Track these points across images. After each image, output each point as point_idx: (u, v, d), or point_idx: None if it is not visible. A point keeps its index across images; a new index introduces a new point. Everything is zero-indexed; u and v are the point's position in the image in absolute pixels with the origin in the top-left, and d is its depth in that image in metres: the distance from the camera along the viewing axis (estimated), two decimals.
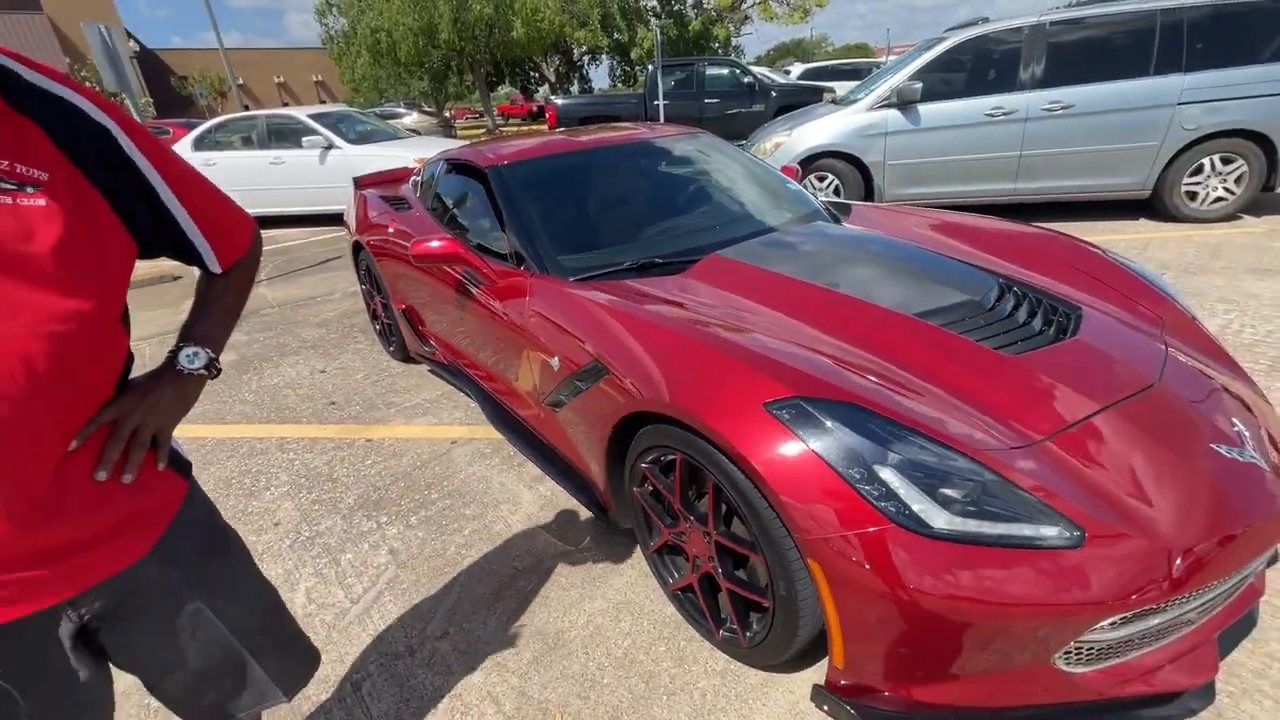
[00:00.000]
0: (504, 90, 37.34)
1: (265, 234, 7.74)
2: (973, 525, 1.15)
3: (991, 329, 1.63)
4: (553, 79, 30.28)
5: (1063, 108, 4.84)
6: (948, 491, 1.18)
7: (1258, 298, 3.48)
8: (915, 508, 1.15)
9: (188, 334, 0.91)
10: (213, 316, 0.94)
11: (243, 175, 7.68)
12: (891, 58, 17.21)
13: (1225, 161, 4.76)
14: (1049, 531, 1.14)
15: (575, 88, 34.82)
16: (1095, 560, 1.13)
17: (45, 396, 0.67)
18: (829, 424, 1.24)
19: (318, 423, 2.98)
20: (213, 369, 0.91)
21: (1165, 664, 1.25)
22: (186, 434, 2.93)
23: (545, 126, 11.85)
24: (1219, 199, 4.87)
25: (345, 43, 22.13)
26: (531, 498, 2.30)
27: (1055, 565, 1.12)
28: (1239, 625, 1.36)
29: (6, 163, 0.64)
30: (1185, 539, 1.15)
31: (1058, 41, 4.86)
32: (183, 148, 7.82)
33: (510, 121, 33.32)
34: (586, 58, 32.72)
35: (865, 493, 1.17)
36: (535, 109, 33.07)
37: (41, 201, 0.65)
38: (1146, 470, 1.25)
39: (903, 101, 5.14)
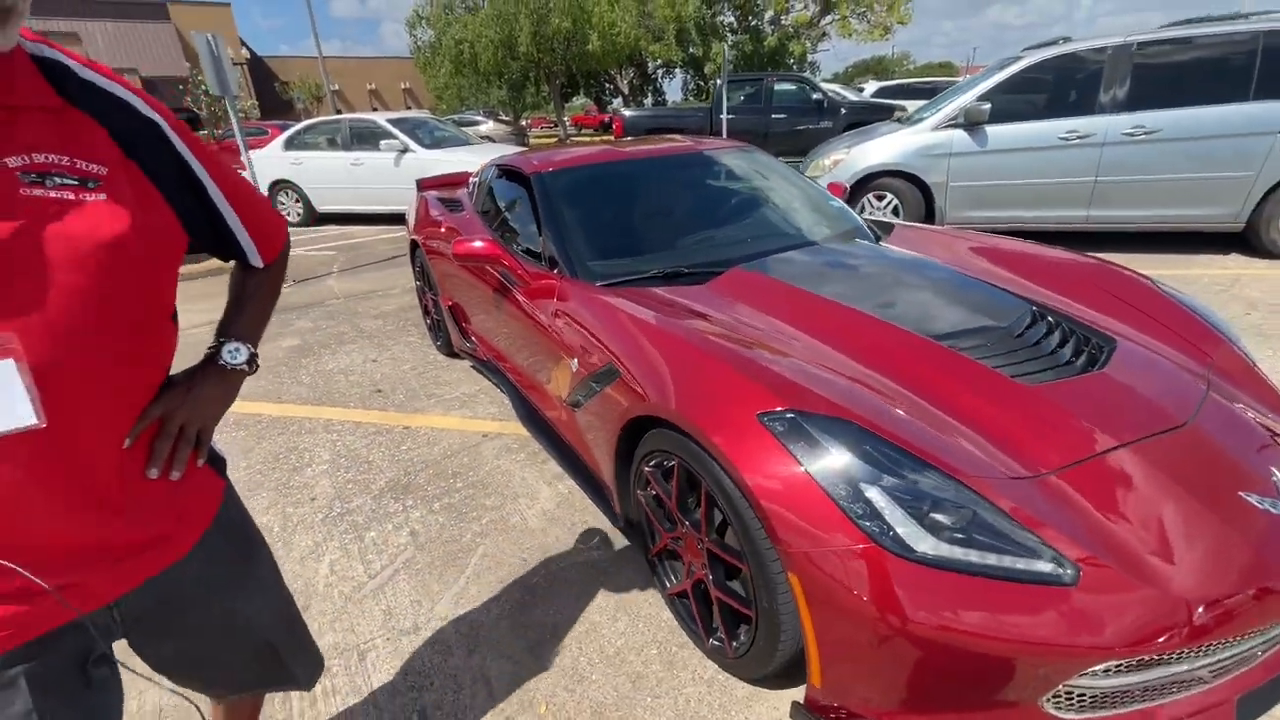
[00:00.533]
0: (578, 101, 38.28)
1: (340, 230, 8.25)
2: (959, 553, 1.12)
3: (1014, 356, 1.57)
4: (626, 91, 30.80)
5: (1146, 133, 4.56)
6: (937, 517, 1.15)
7: None
8: (899, 530, 1.14)
9: (227, 330, 0.91)
10: (251, 313, 0.95)
11: (325, 174, 8.22)
12: (969, 77, 16.68)
13: None
14: (1041, 566, 1.10)
15: (648, 100, 35.28)
16: (1090, 600, 1.08)
17: (113, 395, 0.69)
18: (820, 439, 1.24)
19: (363, 408, 3.16)
20: (253, 364, 0.91)
21: None
22: (246, 410, 3.17)
23: (613, 137, 12.07)
24: None
25: (431, 53, 23.25)
26: (550, 494, 2.37)
27: (1045, 601, 1.08)
28: (1267, 691, 1.26)
29: (66, 158, 0.64)
30: (1194, 589, 1.08)
31: (1144, 63, 4.59)
32: (274, 147, 8.43)
33: (583, 131, 34.11)
34: (660, 71, 33.13)
35: (849, 510, 1.16)
36: (607, 119, 33.75)
37: (103, 196, 0.66)
38: (1161, 513, 1.19)
39: (970, 122, 4.98)
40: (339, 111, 23.67)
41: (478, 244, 2.37)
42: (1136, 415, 1.39)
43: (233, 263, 0.94)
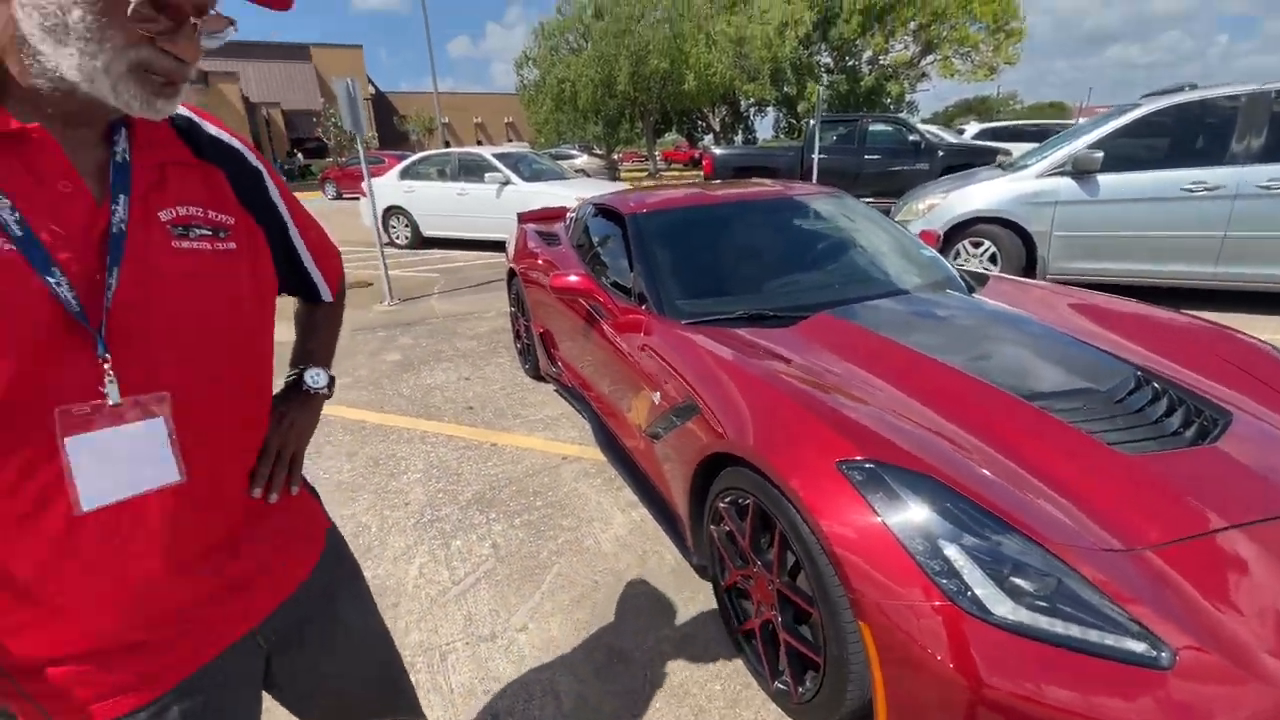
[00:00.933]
0: (669, 136, 39.25)
1: (442, 254, 8.85)
2: (1042, 621, 1.10)
3: (1115, 423, 1.52)
4: (718, 128, 31.32)
5: None
6: (1018, 582, 1.14)
7: None
8: (978, 591, 1.13)
9: (305, 358, 0.95)
10: (324, 340, 0.98)
11: (434, 202, 8.88)
12: (1083, 120, 15.78)
13: None
14: (1132, 645, 1.06)
15: (739, 137, 35.71)
16: (1188, 689, 1.02)
17: (237, 435, 0.74)
18: (900, 492, 1.25)
19: (455, 423, 3.38)
20: (331, 387, 0.94)
21: None
22: (352, 417, 3.47)
23: (702, 173, 12.32)
24: None
25: (535, 91, 24.70)
26: (623, 520, 2.44)
27: (1136, 684, 1.04)
28: None
29: (202, 210, 0.69)
30: None
31: None
32: (390, 176, 9.22)
33: (672, 166, 34.92)
34: (753, 109, 33.50)
35: (925, 566, 1.17)
36: (697, 155, 34.41)
37: (232, 245, 0.71)
38: (1268, 602, 1.11)
39: (1080, 170, 4.76)
40: (448, 143, 25.51)
41: (573, 278, 2.53)
42: (1253, 495, 1.30)
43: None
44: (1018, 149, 11.59)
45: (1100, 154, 4.69)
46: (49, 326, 0.56)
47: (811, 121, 10.70)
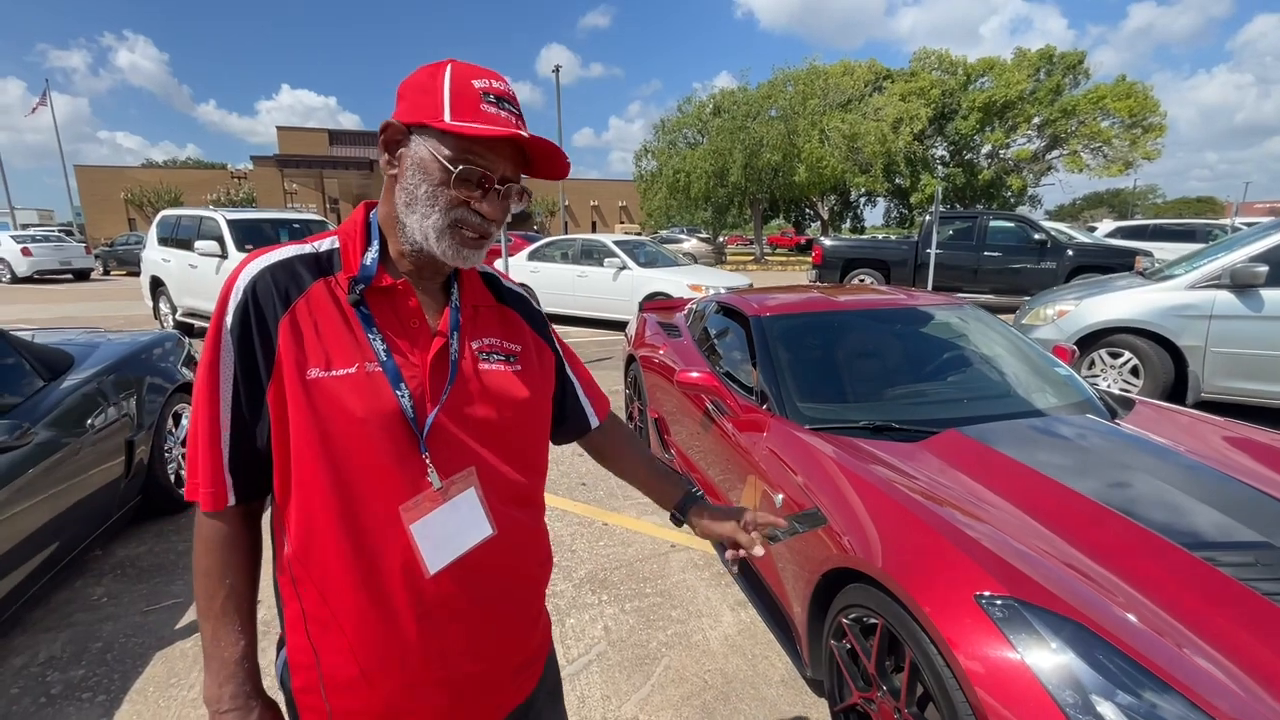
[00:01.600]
0: (776, 222, 40.05)
1: (562, 329, 9.42)
2: None
3: None
4: (826, 216, 31.64)
5: None
6: None
7: None
8: None
9: (683, 499, 1.08)
10: (646, 458, 1.12)
11: (555, 283, 9.60)
12: (1239, 220, 14.45)
13: None
14: None
15: (847, 225, 35.77)
16: None
17: (523, 509, 0.88)
18: (1045, 635, 1.23)
19: (570, 499, 3.55)
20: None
21: None
22: None
23: (810, 260, 12.44)
24: None
25: (651, 179, 26.34)
26: (732, 619, 2.45)
27: None
28: None
29: (499, 341, 0.88)
30: None
31: None
32: (520, 258, 10.10)
33: (777, 251, 35.43)
34: (863, 198, 33.64)
35: (1073, 718, 1.13)
36: (805, 241, 34.79)
37: (518, 367, 0.88)
38: None
39: (1238, 284, 4.41)
40: (567, 223, 27.48)
41: (696, 374, 2.68)
42: None
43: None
44: (1160, 249, 10.85)
45: (1265, 268, 4.34)
46: (394, 428, 0.75)
47: (928, 218, 10.60)
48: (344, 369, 0.74)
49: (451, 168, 0.74)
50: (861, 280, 11.22)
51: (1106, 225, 16.79)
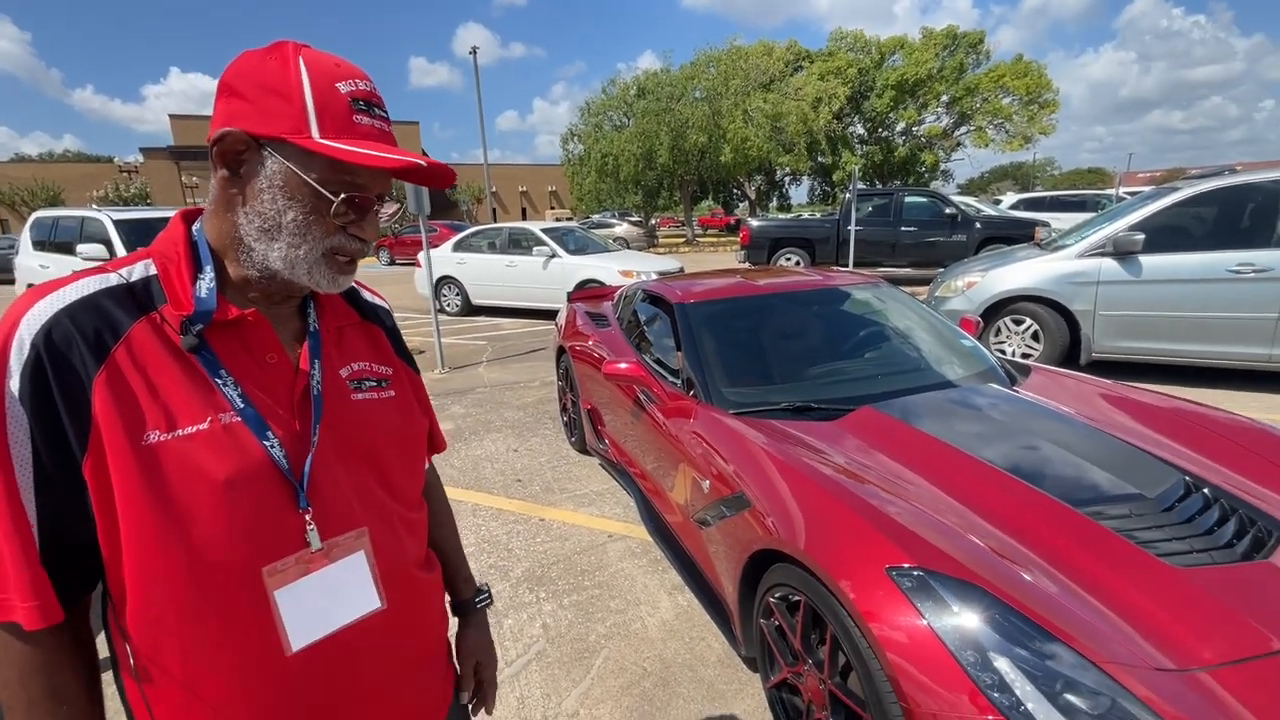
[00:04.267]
0: (705, 203, 40.48)
1: (490, 321, 9.22)
2: None
3: (1164, 532, 1.54)
4: (753, 196, 32.20)
5: None
6: (1071, 699, 1.16)
7: None
8: (1030, 706, 1.16)
9: (464, 586, 1.00)
10: (454, 543, 1.00)
11: (484, 273, 9.36)
12: (1123, 190, 15.75)
13: None
14: None
15: (774, 204, 36.56)
16: None
17: (412, 567, 0.80)
18: (949, 601, 1.30)
19: (505, 496, 3.50)
20: (490, 596, 1.04)
21: None
22: None
23: (739, 242, 12.64)
24: None
25: (579, 163, 26.02)
26: (670, 605, 2.49)
27: None
28: None
29: (369, 364, 0.79)
30: None
31: None
32: (445, 248, 9.78)
33: (708, 232, 35.83)
34: (788, 178, 34.42)
35: (977, 679, 1.20)
36: (733, 222, 35.34)
37: (392, 393, 0.80)
38: None
39: (1120, 251, 4.79)
40: (495, 210, 26.82)
41: (624, 365, 2.68)
42: None
43: None
44: (1056, 219, 11.64)
45: (1141, 235, 4.73)
46: (265, 485, 0.65)
47: (847, 195, 10.97)
48: (193, 426, 0.62)
49: (331, 195, 0.65)
50: (788, 259, 11.51)
51: (1010, 198, 17.90)
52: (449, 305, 9.80)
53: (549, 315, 8.85)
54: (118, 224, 7.09)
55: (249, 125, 0.63)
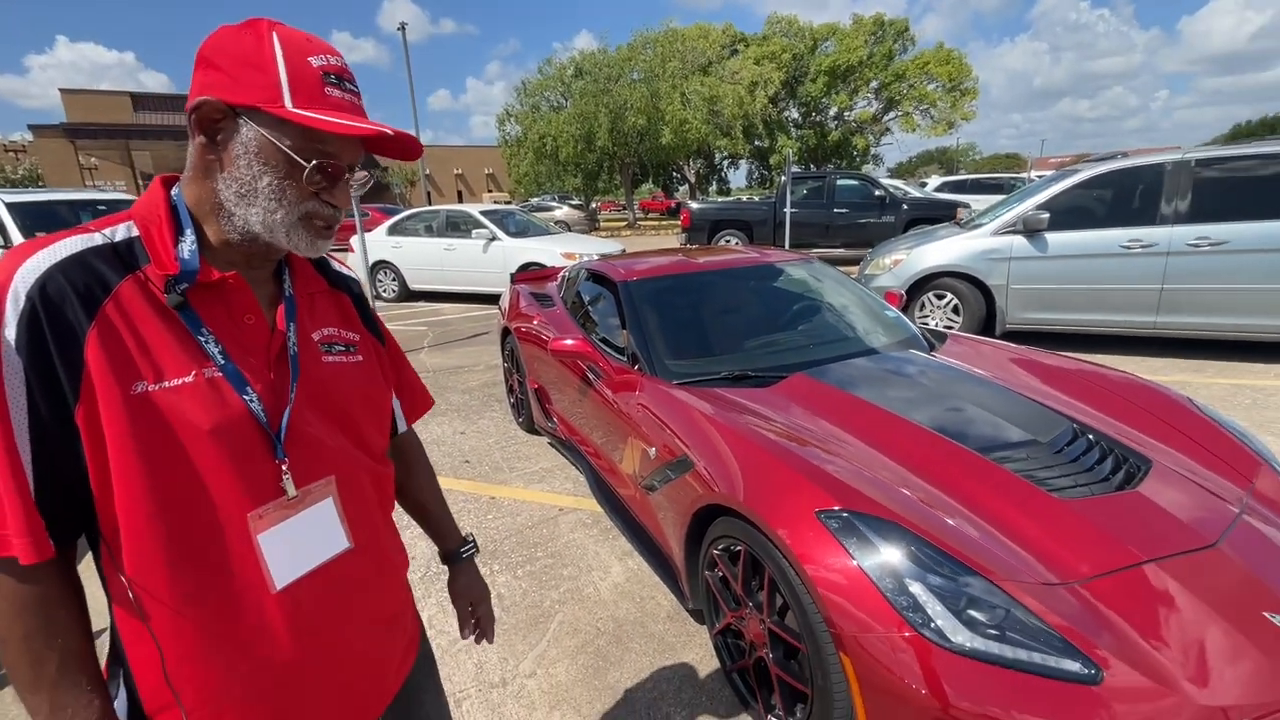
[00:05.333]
0: (646, 186, 40.53)
1: (430, 306, 9.04)
2: (994, 647, 1.29)
3: (1052, 470, 1.75)
4: (693, 179, 32.47)
5: (1211, 244, 4.63)
6: (974, 614, 1.33)
7: None
8: (939, 622, 1.32)
9: (440, 531, 1.10)
10: (436, 498, 1.11)
11: (421, 257, 9.14)
12: (1035, 173, 16.82)
13: None
14: (1069, 665, 1.26)
15: (714, 187, 36.98)
16: (1110, 700, 1.22)
17: (379, 514, 0.87)
18: (871, 537, 1.46)
19: (454, 477, 3.51)
20: (476, 546, 1.16)
21: None
22: None
23: (680, 225, 12.78)
24: None
25: (517, 145, 25.50)
26: (620, 570, 2.59)
27: (1072, 699, 1.23)
28: None
29: (338, 330, 0.84)
30: (1210, 696, 1.21)
31: (1204, 178, 4.73)
32: (379, 232, 9.47)
33: (650, 215, 35.93)
34: (726, 161, 34.86)
35: (895, 602, 1.36)
36: (674, 205, 35.56)
37: (359, 357, 0.86)
38: (1184, 626, 1.32)
39: (1029, 229, 5.18)
40: (429, 194, 26.03)
41: (569, 342, 2.74)
42: (1166, 533, 1.53)
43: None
44: (977, 201, 12.32)
45: (1046, 214, 5.13)
46: (245, 437, 0.70)
47: (783, 179, 11.26)
48: (179, 378, 0.66)
49: (303, 161, 0.69)
50: (728, 241, 11.75)
51: (935, 181, 18.79)
52: (385, 291, 9.53)
53: (491, 300, 8.76)
54: (10, 207, 6.52)
55: (225, 95, 0.67)
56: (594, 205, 31.28)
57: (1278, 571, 1.46)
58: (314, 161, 0.69)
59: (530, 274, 4.80)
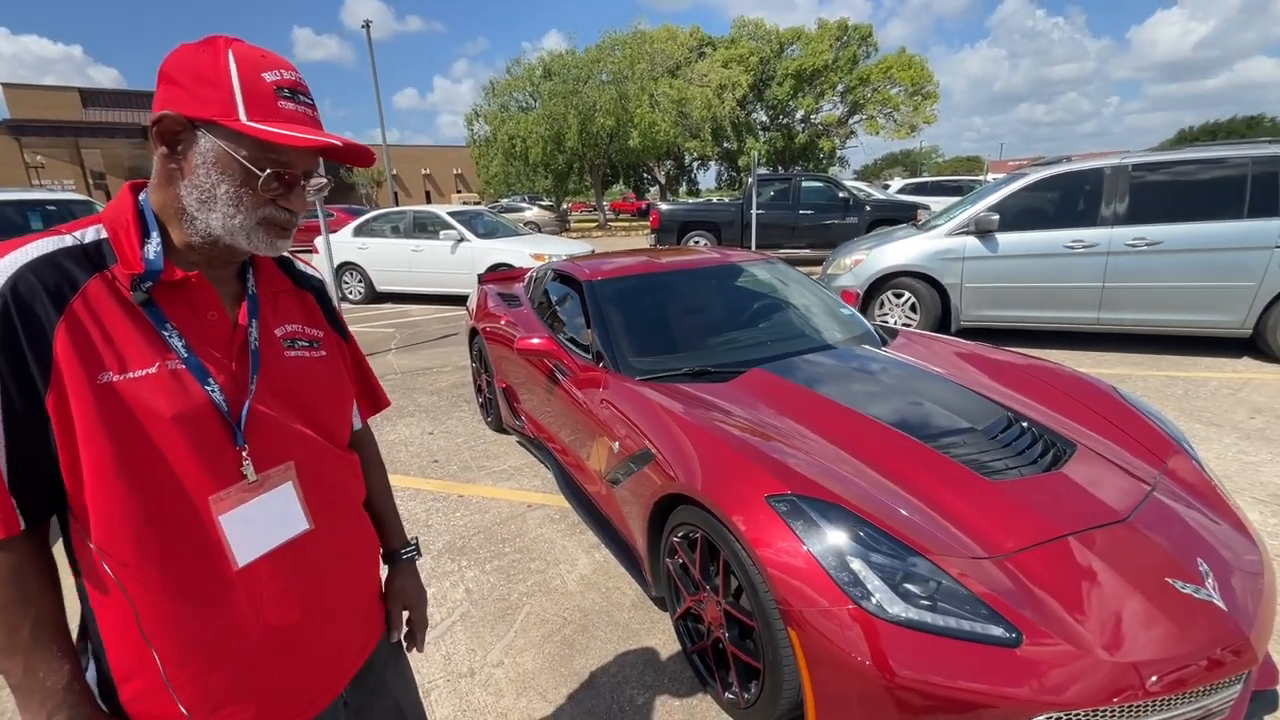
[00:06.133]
0: (616, 187, 40.60)
1: (397, 308, 8.96)
2: (927, 616, 1.40)
3: (987, 455, 1.87)
4: (663, 180, 32.64)
5: (1148, 244, 4.90)
6: (909, 587, 1.44)
7: None
8: (877, 596, 1.42)
9: (383, 530, 1.10)
10: (386, 501, 1.12)
11: (388, 259, 9.05)
12: (991, 176, 17.39)
13: None
14: (993, 630, 1.37)
15: (684, 188, 37.23)
16: (1031, 660, 1.33)
17: (342, 499, 0.92)
18: (816, 519, 1.55)
19: (422, 476, 3.53)
20: (418, 549, 1.16)
21: None
22: None
23: (650, 226, 12.88)
24: None
25: (486, 145, 25.30)
26: (587, 562, 2.66)
27: (996, 660, 1.34)
28: None
29: (301, 327, 0.89)
30: (1119, 655, 1.33)
31: (1141, 182, 5.00)
32: (344, 233, 9.35)
33: (620, 216, 35.99)
34: (696, 163, 35.12)
35: (837, 578, 1.46)
36: (644, 206, 35.69)
37: (322, 353, 0.91)
38: (1097, 593, 1.45)
39: (980, 230, 5.40)
40: (396, 194, 25.66)
41: (536, 341, 2.80)
42: (1084, 509, 1.66)
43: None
44: (938, 202, 12.70)
45: (997, 216, 5.35)
46: (206, 425, 0.74)
47: (750, 181, 11.44)
48: (142, 369, 0.71)
49: (257, 171, 0.73)
50: (696, 242, 11.89)
51: (898, 183, 19.26)
52: (351, 293, 9.42)
53: (458, 301, 8.73)
54: None
55: (184, 109, 0.72)
56: (564, 206, 31.20)
57: (1183, 543, 1.61)
58: (267, 170, 0.74)
59: (498, 275, 4.83)
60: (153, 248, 0.75)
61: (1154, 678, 1.32)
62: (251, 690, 0.80)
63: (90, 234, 0.74)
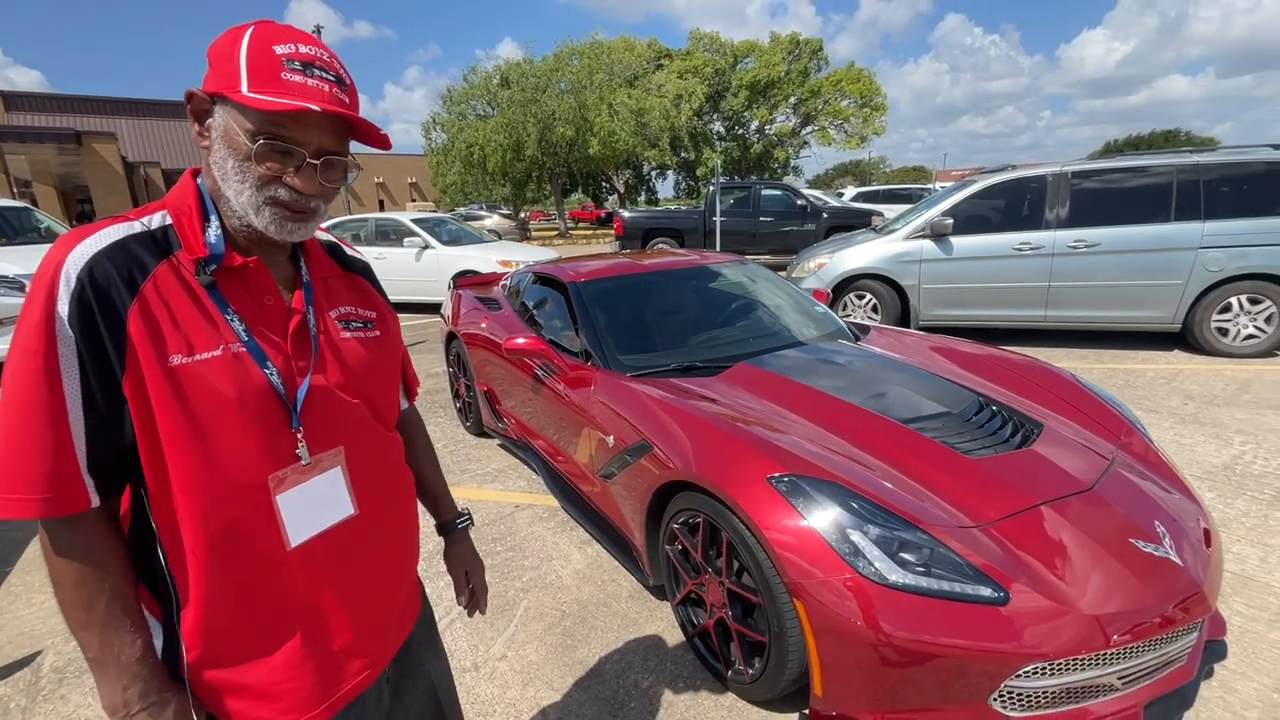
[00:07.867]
0: (575, 196, 40.63)
1: None
2: (922, 581, 1.50)
3: (963, 436, 2.01)
4: (622, 189, 32.86)
5: (1087, 246, 5.26)
6: (905, 555, 1.55)
7: (1276, 432, 3.64)
8: (877, 565, 1.52)
9: (435, 504, 1.19)
10: (434, 471, 1.18)
11: None
12: (939, 184, 18.20)
13: (1253, 301, 5.00)
14: (982, 590, 1.49)
15: (642, 197, 37.55)
16: (1016, 616, 1.45)
17: (387, 479, 0.94)
18: (816, 496, 1.65)
19: None
20: (471, 518, 1.24)
21: None
22: None
23: (612, 233, 12.96)
24: (1250, 336, 5.07)
25: (443, 154, 25.01)
26: (580, 557, 2.70)
27: (984, 618, 1.46)
28: (1170, 701, 1.60)
29: (354, 308, 0.91)
30: (1092, 609, 1.47)
31: (1080, 188, 5.36)
32: None
33: (580, 225, 36.03)
34: (654, 172, 35.50)
35: (839, 549, 1.55)
36: (604, 214, 35.83)
37: (376, 333, 0.93)
38: (1068, 553, 1.58)
39: (935, 234, 5.68)
40: (349, 202, 25.08)
41: (523, 341, 2.84)
42: (1055, 481, 1.81)
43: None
44: (889, 209, 13.20)
45: (950, 220, 5.65)
46: (266, 407, 0.77)
47: (711, 188, 11.68)
48: (208, 352, 0.73)
49: (251, 143, 0.72)
50: (661, 247, 12.05)
51: (851, 191, 19.91)
52: None
53: (427, 309, 8.62)
54: None
55: (206, 85, 0.74)
56: (524, 215, 31.05)
57: (1142, 508, 1.77)
58: (260, 141, 0.72)
59: (472, 279, 4.83)
60: (213, 232, 0.77)
61: (1124, 626, 1.46)
62: (302, 665, 0.82)
63: (156, 220, 0.77)
